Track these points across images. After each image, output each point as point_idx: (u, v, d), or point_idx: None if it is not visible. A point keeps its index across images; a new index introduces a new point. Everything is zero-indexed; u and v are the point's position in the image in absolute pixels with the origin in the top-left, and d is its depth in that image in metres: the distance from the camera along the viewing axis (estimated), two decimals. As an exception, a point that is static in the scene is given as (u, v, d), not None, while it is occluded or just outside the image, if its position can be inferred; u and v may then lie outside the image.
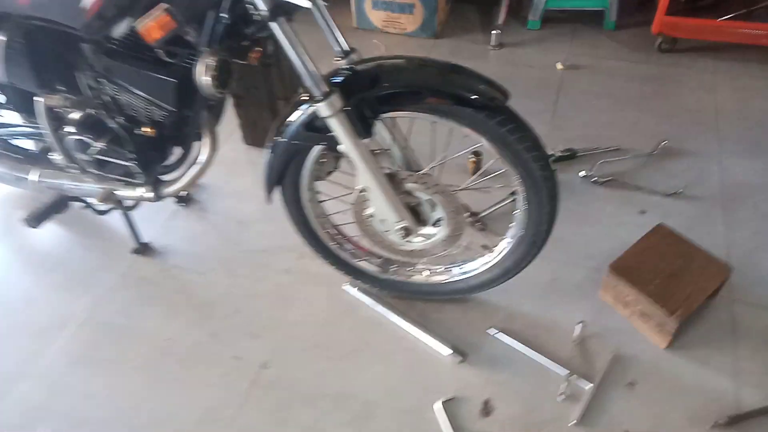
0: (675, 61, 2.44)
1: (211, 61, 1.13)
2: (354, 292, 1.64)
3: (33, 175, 1.55)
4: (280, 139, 1.25)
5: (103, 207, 1.50)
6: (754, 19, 2.30)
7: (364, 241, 1.48)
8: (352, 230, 1.49)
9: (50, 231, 1.85)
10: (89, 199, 1.46)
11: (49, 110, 1.32)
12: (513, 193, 1.34)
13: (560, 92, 2.32)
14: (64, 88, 1.30)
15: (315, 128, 1.19)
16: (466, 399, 1.40)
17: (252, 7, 1.06)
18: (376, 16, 2.72)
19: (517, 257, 1.40)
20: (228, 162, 2.07)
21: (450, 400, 1.39)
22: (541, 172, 1.20)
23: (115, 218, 1.77)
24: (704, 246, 1.55)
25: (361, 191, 1.26)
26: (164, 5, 1.05)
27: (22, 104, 1.38)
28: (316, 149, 1.28)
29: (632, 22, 2.65)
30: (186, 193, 1.96)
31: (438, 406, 1.38)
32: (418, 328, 1.53)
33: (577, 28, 2.68)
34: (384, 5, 2.65)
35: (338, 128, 1.14)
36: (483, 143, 1.20)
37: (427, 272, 1.56)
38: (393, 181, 1.28)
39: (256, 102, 2.00)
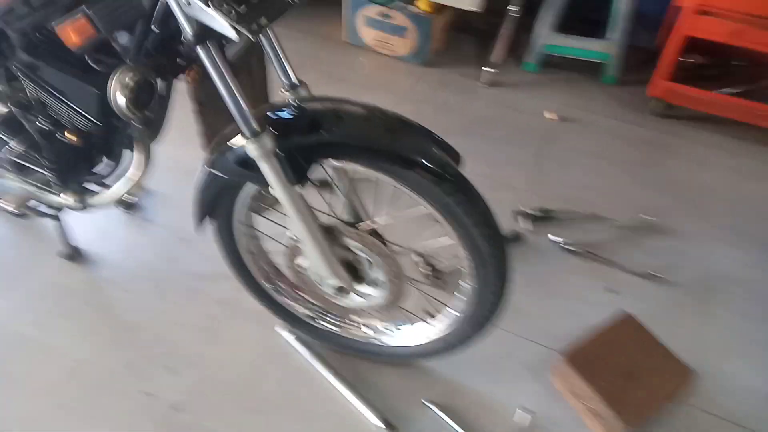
0: (671, 127, 2.34)
1: (128, 78, 0.99)
2: (287, 336, 1.51)
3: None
4: (210, 170, 1.12)
5: (15, 211, 1.35)
6: (756, 97, 2.19)
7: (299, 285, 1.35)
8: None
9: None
10: (2, 202, 1.32)
11: None
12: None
13: (545, 143, 2.21)
14: None
15: (246, 165, 1.05)
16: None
17: None
18: (368, 34, 2.59)
19: (460, 332, 1.27)
20: (183, 169, 1.91)
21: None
22: (489, 248, 1.08)
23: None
24: (671, 342, 1.43)
25: (292, 239, 1.13)
26: (84, 9, 0.92)
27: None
28: (250, 184, 1.16)
29: (634, 79, 2.54)
30: (133, 198, 1.82)
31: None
32: (350, 391, 1.40)
33: (574, 78, 2.57)
34: (377, 24, 2.52)
35: (268, 171, 1.01)
36: (428, 209, 1.07)
37: (365, 329, 1.42)
38: (330, 233, 1.15)
39: (219, 110, 1.85)
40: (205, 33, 0.90)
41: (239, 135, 1.01)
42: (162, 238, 1.76)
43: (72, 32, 0.94)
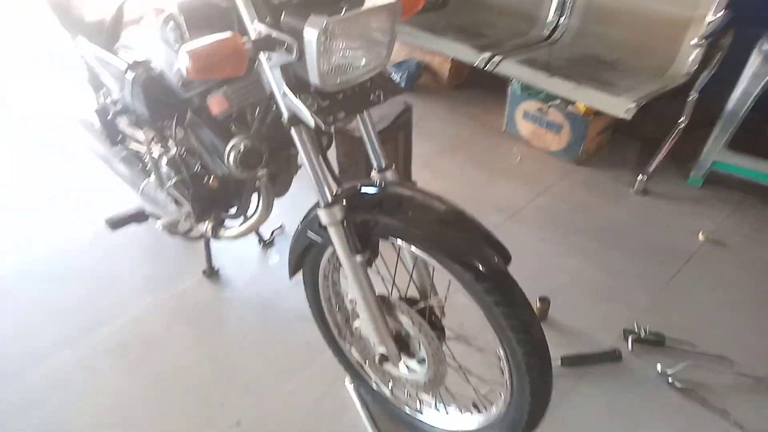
0: None
1: (240, 143, 1.23)
2: (351, 391, 1.61)
3: (142, 185, 1.82)
4: (300, 227, 1.30)
5: (166, 231, 1.69)
6: None
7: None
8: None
9: (150, 233, 2.16)
10: (158, 222, 1.67)
11: (149, 139, 1.55)
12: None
13: (686, 266, 2.02)
14: (166, 128, 1.53)
15: (324, 229, 1.21)
16: None
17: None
18: (525, 127, 2.67)
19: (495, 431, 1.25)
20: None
21: None
22: (525, 358, 1.07)
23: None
24: None
25: (350, 300, 1.25)
26: (225, 87, 1.18)
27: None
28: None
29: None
30: (270, 237, 2.13)
31: None
32: (387, 458, 1.44)
33: (745, 200, 2.31)
34: (534, 118, 2.59)
35: (335, 237, 1.15)
36: (472, 302, 1.10)
37: (416, 405, 1.46)
38: (385, 304, 1.24)
39: (357, 174, 2.09)
40: (296, 118, 1.09)
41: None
42: (281, 275, 2.01)
43: (213, 104, 1.22)
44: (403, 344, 1.29)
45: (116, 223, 1.66)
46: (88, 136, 2.00)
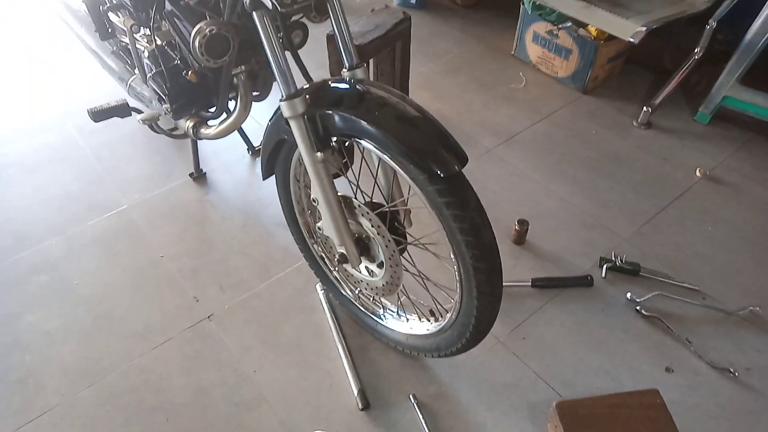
0: None
1: (205, 27, 1.21)
2: (320, 294, 1.65)
3: (130, 80, 1.82)
4: (268, 123, 1.30)
5: (147, 124, 1.69)
6: None
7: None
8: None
9: (143, 134, 2.18)
10: (139, 116, 1.68)
11: (132, 31, 1.53)
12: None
13: (678, 201, 1.98)
14: (147, 18, 1.50)
15: (287, 123, 1.20)
16: (341, 445, 1.35)
17: None
18: (533, 50, 2.56)
19: (448, 338, 1.28)
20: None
21: (325, 436, 1.36)
22: (472, 261, 1.07)
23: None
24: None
25: (313, 200, 1.26)
26: None
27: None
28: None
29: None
30: (258, 145, 2.13)
31: (311, 435, 1.35)
32: (347, 358, 1.49)
33: (752, 140, 2.22)
34: (543, 41, 2.48)
35: (295, 131, 1.14)
36: (425, 203, 1.10)
37: (380, 311, 1.50)
38: (347, 205, 1.25)
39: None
40: (259, 2, 1.06)
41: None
42: (267, 183, 2.02)
43: None
44: (363, 247, 1.30)
45: (98, 114, 1.67)
46: (79, 28, 1.98)
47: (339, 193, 1.22)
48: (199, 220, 1.89)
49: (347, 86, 1.15)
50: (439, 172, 1.01)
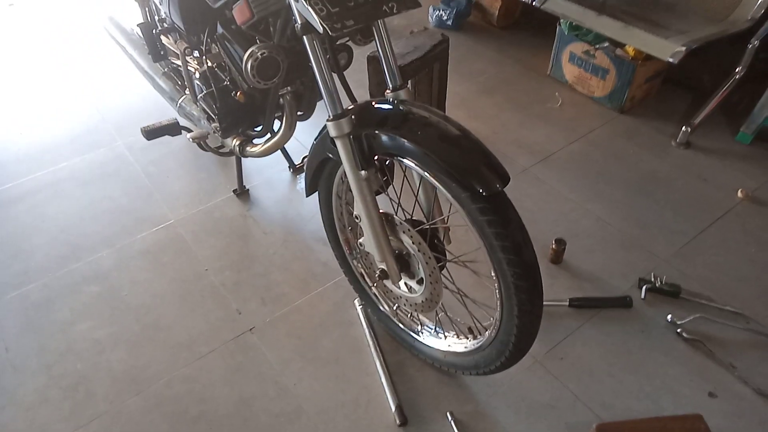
0: None
1: (257, 51, 1.27)
2: (359, 309, 1.68)
3: (180, 99, 1.90)
4: (314, 142, 1.34)
5: (196, 142, 1.77)
6: None
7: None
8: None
9: (189, 152, 2.26)
10: (189, 134, 1.75)
11: (184, 53, 1.61)
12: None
13: (719, 222, 1.95)
14: (199, 41, 1.58)
15: (333, 143, 1.24)
16: (379, 460, 1.37)
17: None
18: (570, 70, 2.58)
19: (486, 356, 1.29)
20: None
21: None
22: (513, 280, 1.09)
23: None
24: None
25: (355, 216, 1.29)
26: None
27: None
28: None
29: None
30: (300, 162, 2.19)
31: (349, 449, 1.37)
32: (385, 374, 1.52)
33: (797, 161, 2.18)
34: (580, 61, 2.49)
35: (341, 150, 1.18)
36: (466, 221, 1.12)
37: (417, 327, 1.52)
38: (389, 222, 1.28)
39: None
40: (309, 26, 1.11)
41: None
42: (307, 200, 2.07)
43: (237, 13, 1.25)
44: (404, 263, 1.33)
45: (150, 133, 1.75)
46: (131, 49, 2.08)
47: (380, 211, 1.25)
48: (241, 234, 1.95)
49: (391, 107, 1.19)
50: (481, 191, 1.03)
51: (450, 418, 1.42)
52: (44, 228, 1.99)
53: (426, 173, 1.13)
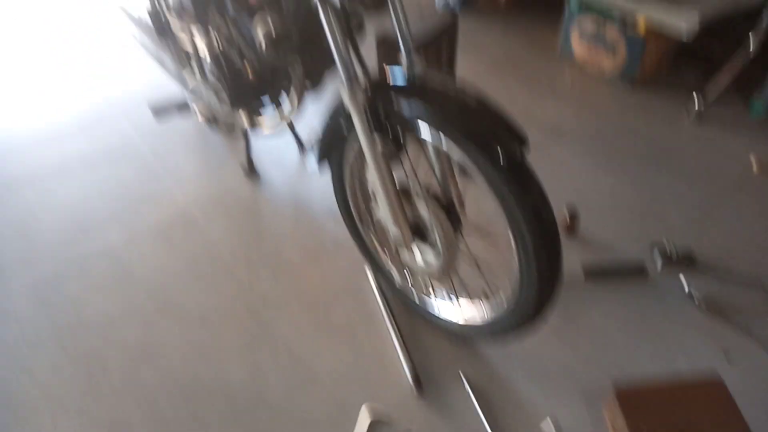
0: None
1: (270, 25, 1.27)
2: (371, 280, 1.67)
3: (188, 78, 1.90)
4: (326, 112, 1.33)
5: (204, 116, 1.76)
6: None
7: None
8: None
9: (199, 133, 2.26)
10: (197, 112, 1.75)
11: (193, 32, 1.61)
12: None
13: (734, 192, 1.93)
14: (208, 19, 1.57)
15: (347, 112, 1.23)
16: (394, 426, 1.35)
17: None
18: (580, 48, 2.55)
19: (503, 322, 1.28)
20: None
21: (378, 422, 1.36)
22: (534, 244, 1.07)
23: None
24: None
25: (370, 187, 1.28)
26: None
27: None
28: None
29: None
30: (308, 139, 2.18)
31: (364, 416, 1.36)
32: (399, 342, 1.51)
33: (812, 131, 2.15)
34: (589, 38, 2.47)
35: (356, 119, 1.17)
36: (483, 186, 1.11)
37: (430, 295, 1.51)
38: (404, 192, 1.27)
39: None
40: None
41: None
42: (317, 179, 2.07)
43: None
44: (420, 234, 1.32)
45: (159, 110, 1.75)
46: (137, 29, 2.08)
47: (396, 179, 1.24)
48: (252, 213, 1.95)
49: (406, 75, 1.18)
50: (501, 154, 1.02)
51: (465, 381, 1.41)
52: (53, 208, 1.99)
53: (444, 140, 1.12)
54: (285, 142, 2.21)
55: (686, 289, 1.61)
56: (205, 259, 1.79)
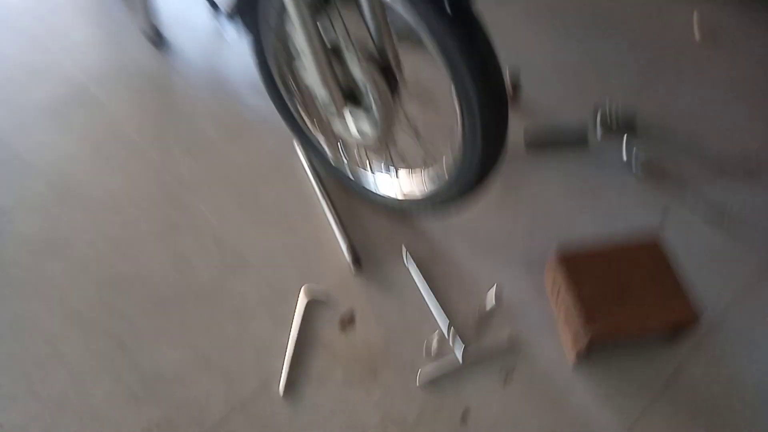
0: None
1: None
2: (301, 156, 1.53)
3: None
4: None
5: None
6: None
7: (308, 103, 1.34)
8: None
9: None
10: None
11: None
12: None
13: (675, 59, 1.87)
14: None
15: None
16: (334, 306, 1.29)
17: None
18: None
19: (445, 192, 1.19)
20: None
21: (317, 301, 1.29)
22: (478, 97, 0.96)
23: None
24: (696, 284, 1.22)
25: (294, 46, 1.11)
26: None
27: None
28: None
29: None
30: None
31: (303, 298, 1.29)
32: (335, 220, 1.41)
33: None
34: None
35: None
36: (425, 38, 0.96)
37: (363, 165, 1.39)
38: (336, 52, 1.10)
39: None
40: None
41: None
42: (236, 50, 1.83)
43: None
44: (353, 99, 1.17)
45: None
46: None
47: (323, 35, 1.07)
48: (160, 87, 1.71)
49: None
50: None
51: (405, 252, 1.35)
52: None
53: None
54: (197, 8, 1.92)
55: (624, 158, 1.58)
56: (109, 141, 1.58)
